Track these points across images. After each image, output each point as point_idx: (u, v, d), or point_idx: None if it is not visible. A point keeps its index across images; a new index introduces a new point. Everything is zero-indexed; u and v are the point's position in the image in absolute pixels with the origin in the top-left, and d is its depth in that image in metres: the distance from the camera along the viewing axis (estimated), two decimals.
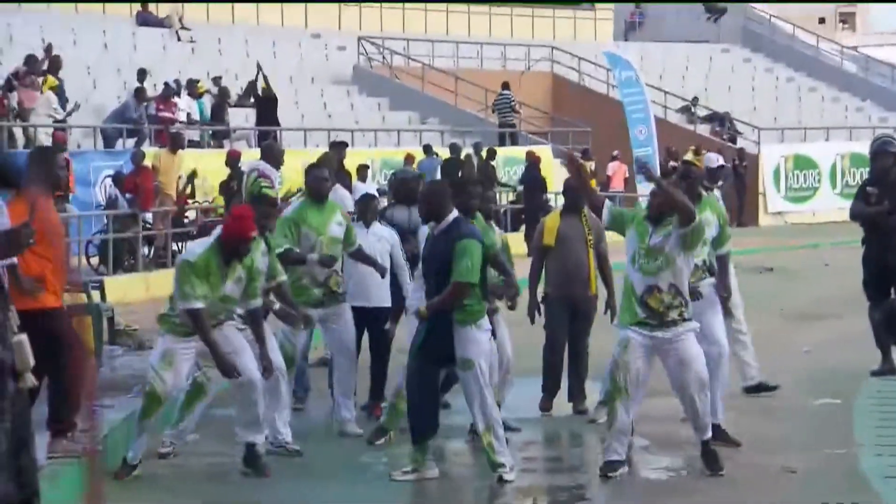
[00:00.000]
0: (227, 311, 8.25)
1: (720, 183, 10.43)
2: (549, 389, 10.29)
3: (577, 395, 10.28)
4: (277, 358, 8.67)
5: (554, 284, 10.17)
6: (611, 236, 9.58)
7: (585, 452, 9.28)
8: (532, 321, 10.03)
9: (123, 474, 8.21)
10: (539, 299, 10.08)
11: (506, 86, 31.05)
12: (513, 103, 30.75)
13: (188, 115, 23.69)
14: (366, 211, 9.90)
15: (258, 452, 8.38)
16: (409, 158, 23.47)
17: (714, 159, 10.62)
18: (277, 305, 8.96)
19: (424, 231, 8.75)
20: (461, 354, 7.99)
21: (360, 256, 9.52)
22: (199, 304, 8.01)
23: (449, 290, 7.92)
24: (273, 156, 11.99)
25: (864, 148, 38.02)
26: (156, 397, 8.20)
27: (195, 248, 8.28)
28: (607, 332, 10.67)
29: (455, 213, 8.15)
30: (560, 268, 10.12)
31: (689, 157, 9.23)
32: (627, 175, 29.84)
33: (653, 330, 8.03)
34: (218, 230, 8.23)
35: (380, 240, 9.85)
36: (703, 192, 9.32)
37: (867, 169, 12.47)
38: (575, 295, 10.04)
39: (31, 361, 6.65)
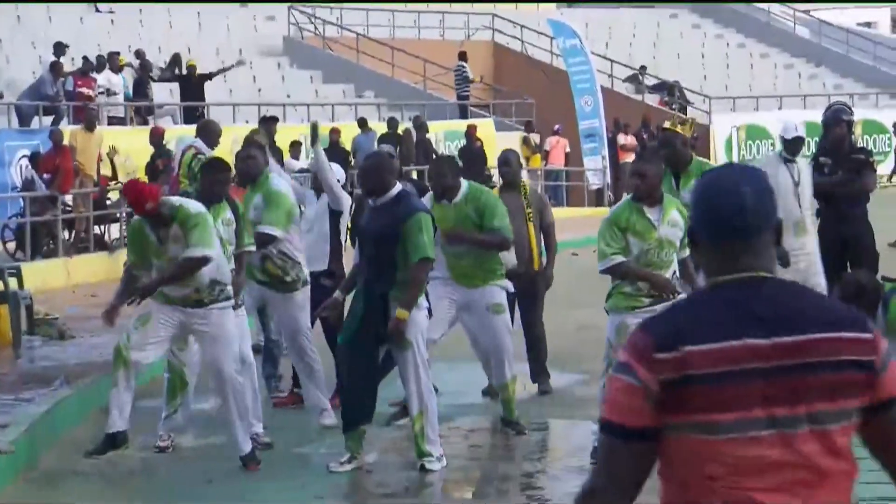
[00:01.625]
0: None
1: (799, 157, 10.58)
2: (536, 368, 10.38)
3: (539, 374, 10.30)
4: (247, 349, 8.72)
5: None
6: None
7: (538, 439, 9.29)
8: None
9: (100, 451, 8.33)
10: None
11: (462, 56, 31.03)
12: (466, 75, 30.76)
13: (107, 90, 23.43)
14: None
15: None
16: (334, 132, 23.37)
17: (791, 129, 10.80)
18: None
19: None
20: None
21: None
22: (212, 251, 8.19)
23: (415, 269, 7.89)
24: (210, 133, 11.87)
25: (818, 116, 38.26)
26: (119, 353, 8.25)
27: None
28: (567, 312, 10.78)
29: (399, 187, 8.14)
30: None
31: (667, 124, 9.08)
32: (569, 149, 29.88)
33: (651, 305, 8.03)
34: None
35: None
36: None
37: (820, 138, 12.58)
38: (517, 272, 10.06)
39: None
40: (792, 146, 11.02)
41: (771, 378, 2.75)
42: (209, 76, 24.59)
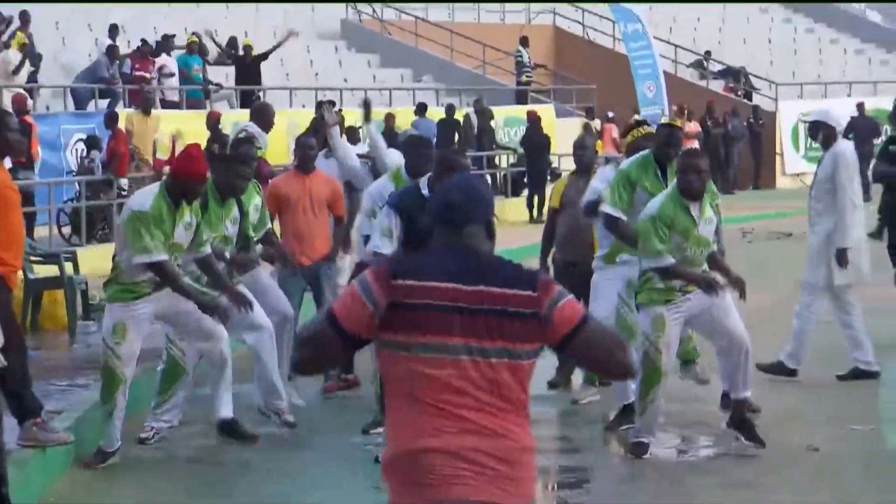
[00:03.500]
0: (175, 262, 8.08)
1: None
2: (562, 363, 10.33)
3: (565, 366, 10.27)
4: (285, 306, 8.88)
5: (559, 248, 10.29)
6: None
7: (589, 432, 9.28)
8: None
9: (96, 462, 8.14)
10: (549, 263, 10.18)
11: (523, 41, 30.97)
12: (523, 60, 30.69)
13: (161, 72, 23.48)
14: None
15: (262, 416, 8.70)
16: (390, 118, 23.38)
17: (813, 115, 10.78)
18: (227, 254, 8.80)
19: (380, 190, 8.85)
20: None
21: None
22: (163, 255, 7.88)
23: None
24: (264, 117, 11.92)
25: (889, 104, 37.96)
26: (112, 373, 8.06)
27: (143, 199, 8.09)
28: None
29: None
30: (564, 231, 10.18)
31: (665, 119, 9.12)
32: (615, 135, 29.69)
33: (685, 296, 8.04)
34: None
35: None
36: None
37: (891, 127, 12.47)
38: (578, 259, 10.02)
39: (2, 340, 6.62)
40: (811, 131, 10.95)
41: (466, 315, 3.67)
42: (265, 56, 24.65)
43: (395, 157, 9.88)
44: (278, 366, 8.89)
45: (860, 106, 29.60)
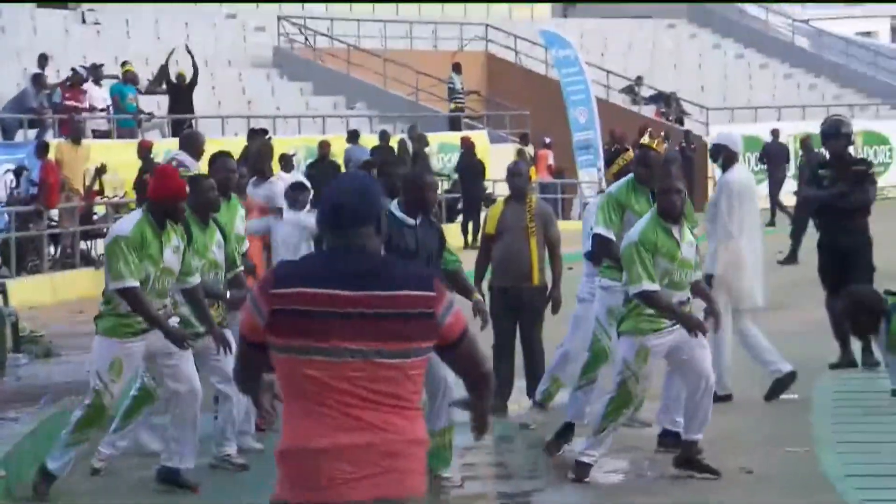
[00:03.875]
0: (168, 293, 7.99)
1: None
2: (499, 392, 10.33)
3: (534, 389, 10.28)
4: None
5: (495, 275, 10.28)
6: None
7: (532, 456, 9.29)
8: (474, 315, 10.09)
9: (44, 487, 7.98)
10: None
11: (455, 67, 31.11)
12: (455, 86, 30.83)
13: (91, 106, 23.33)
14: (296, 200, 10.24)
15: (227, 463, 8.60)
16: (324, 145, 23.37)
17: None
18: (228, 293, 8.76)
19: None
20: None
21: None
22: (134, 282, 7.73)
23: (461, 269, 8.47)
24: (194, 145, 11.89)
25: (817, 128, 38.15)
26: (102, 410, 7.94)
27: (125, 223, 8.00)
28: (556, 326, 10.77)
29: None
30: (499, 257, 10.18)
31: (645, 140, 9.12)
32: (551, 162, 29.80)
33: (672, 327, 8.06)
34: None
35: (300, 228, 10.13)
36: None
37: (821, 150, 12.62)
38: (515, 286, 10.06)
39: None
40: (712, 153, 11.08)
41: (352, 319, 3.77)
42: (195, 81, 24.45)
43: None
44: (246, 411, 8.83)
45: (775, 132, 30.00)
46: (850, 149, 12.06)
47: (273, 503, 3.85)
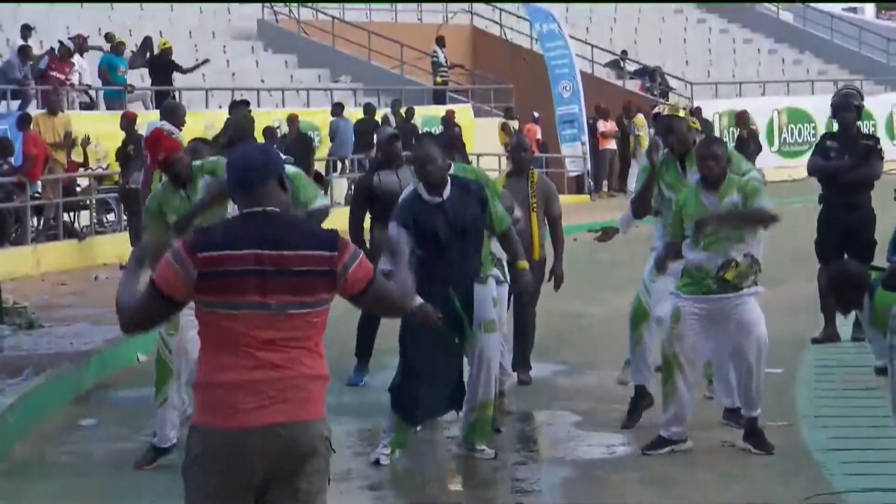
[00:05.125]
0: None
1: None
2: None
3: (521, 364, 10.28)
4: None
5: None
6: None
7: (518, 430, 9.30)
8: None
9: (146, 462, 8.04)
10: None
11: (439, 41, 31.01)
12: (439, 60, 30.72)
13: (79, 75, 23.25)
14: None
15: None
16: (292, 120, 23.24)
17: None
18: None
19: None
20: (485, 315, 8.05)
21: None
22: None
23: (512, 231, 8.15)
24: (176, 116, 11.83)
25: (801, 103, 38.39)
26: (164, 368, 7.98)
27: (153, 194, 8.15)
28: (553, 301, 10.79)
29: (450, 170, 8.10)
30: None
31: (665, 109, 8.95)
32: (539, 137, 29.76)
33: (714, 293, 8.09)
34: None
35: None
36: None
37: (806, 125, 12.56)
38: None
39: None
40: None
41: (267, 276, 4.32)
42: (180, 68, 24.40)
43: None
44: None
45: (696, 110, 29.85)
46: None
47: (190, 427, 4.47)
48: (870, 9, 51.60)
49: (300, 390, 4.37)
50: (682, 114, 8.86)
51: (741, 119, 28.71)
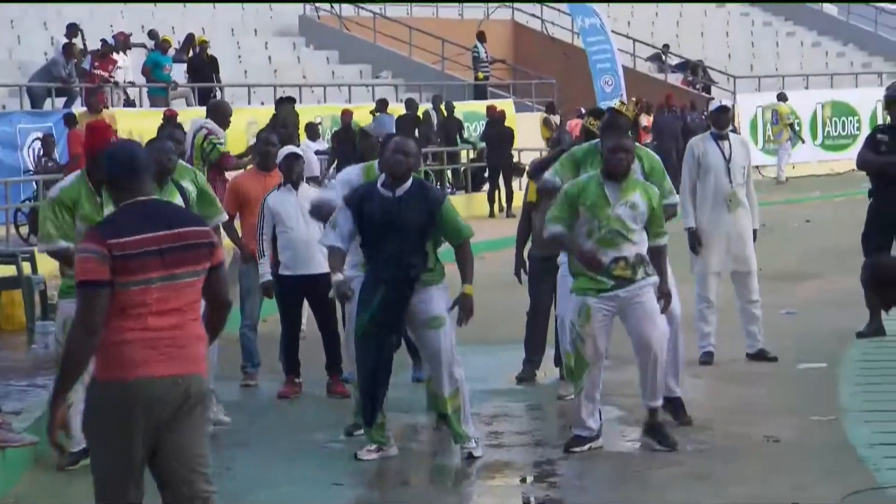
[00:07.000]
0: None
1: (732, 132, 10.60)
2: (530, 358, 10.34)
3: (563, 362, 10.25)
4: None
5: (535, 243, 10.12)
6: None
7: (560, 425, 9.29)
8: (519, 281, 10.19)
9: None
10: (525, 258, 10.13)
11: (480, 36, 30.98)
12: (480, 55, 30.68)
13: (123, 73, 23.39)
14: (290, 171, 9.86)
15: None
16: (346, 114, 23.30)
17: (716, 102, 10.83)
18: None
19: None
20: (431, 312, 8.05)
21: None
22: (63, 243, 7.69)
23: (468, 247, 8.07)
24: (221, 114, 11.89)
25: (845, 96, 38.17)
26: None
27: (58, 184, 7.90)
28: None
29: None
30: (541, 226, 10.08)
31: (615, 104, 8.94)
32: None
33: (615, 289, 8.08)
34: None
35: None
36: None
37: (850, 118, 12.49)
38: (555, 254, 9.99)
39: None
40: (715, 118, 10.94)
41: (166, 253, 5.11)
42: (216, 68, 24.32)
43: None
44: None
45: (660, 105, 29.48)
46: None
47: (90, 384, 5.21)
48: None
49: (188, 349, 5.15)
50: (625, 111, 8.73)
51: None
